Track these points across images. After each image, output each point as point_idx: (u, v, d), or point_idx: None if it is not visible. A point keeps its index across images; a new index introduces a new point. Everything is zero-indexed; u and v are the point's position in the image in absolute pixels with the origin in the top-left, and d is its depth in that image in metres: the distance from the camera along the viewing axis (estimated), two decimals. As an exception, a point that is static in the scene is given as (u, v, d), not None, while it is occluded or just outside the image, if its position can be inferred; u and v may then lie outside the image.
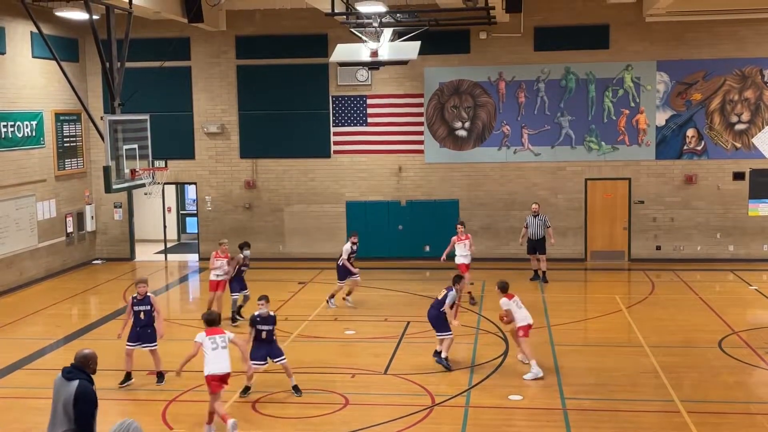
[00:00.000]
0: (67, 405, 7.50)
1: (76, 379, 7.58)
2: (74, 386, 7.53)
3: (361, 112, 22.16)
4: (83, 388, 7.53)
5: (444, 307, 13.13)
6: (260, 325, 11.91)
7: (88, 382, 7.63)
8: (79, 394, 7.49)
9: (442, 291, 13.35)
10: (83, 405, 7.50)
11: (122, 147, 13.89)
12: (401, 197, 22.30)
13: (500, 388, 12.10)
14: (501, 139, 21.75)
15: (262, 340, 11.92)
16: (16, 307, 17.92)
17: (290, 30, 22.05)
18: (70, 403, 7.48)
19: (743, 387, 12.20)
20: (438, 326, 13.18)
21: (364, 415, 11.12)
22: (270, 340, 11.98)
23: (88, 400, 7.54)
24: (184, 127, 22.65)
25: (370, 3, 15.41)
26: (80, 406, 7.49)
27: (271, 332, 12.00)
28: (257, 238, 22.54)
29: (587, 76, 21.35)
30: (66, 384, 7.59)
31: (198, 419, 11.08)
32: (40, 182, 20.71)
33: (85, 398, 7.51)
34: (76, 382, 7.55)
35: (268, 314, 12.01)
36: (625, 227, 21.65)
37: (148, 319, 12.44)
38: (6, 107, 19.35)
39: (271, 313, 12.14)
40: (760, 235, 21.25)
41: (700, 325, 15.52)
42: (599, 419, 10.94)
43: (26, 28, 19.89)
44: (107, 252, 23.43)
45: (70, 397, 7.49)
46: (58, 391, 7.64)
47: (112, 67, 14.22)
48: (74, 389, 7.51)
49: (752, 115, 21.02)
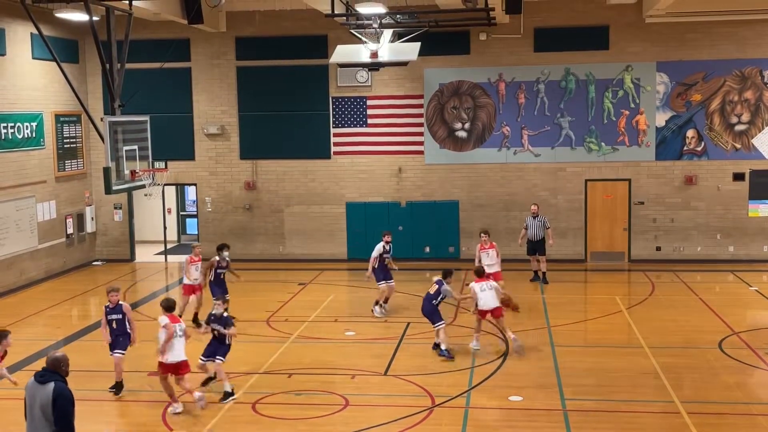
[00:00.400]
0: (44, 408, 7.53)
1: (51, 381, 7.61)
2: (50, 388, 7.55)
3: (361, 113, 22.17)
4: (60, 389, 7.56)
5: (443, 299, 13.86)
6: (214, 324, 12.09)
7: (62, 383, 7.67)
8: (57, 395, 7.52)
9: (434, 286, 13.84)
10: (62, 405, 7.53)
11: (122, 148, 13.88)
12: (401, 198, 22.30)
13: (500, 389, 12.10)
14: (501, 140, 21.76)
15: (215, 338, 12.12)
16: (16, 308, 17.92)
17: (290, 31, 22.06)
18: (49, 405, 7.51)
19: (743, 388, 12.20)
20: (432, 318, 13.72)
21: (364, 416, 11.12)
22: (223, 341, 12.09)
23: (67, 399, 7.58)
24: (184, 129, 22.65)
25: (370, 4, 15.41)
26: (59, 406, 7.51)
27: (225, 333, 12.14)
28: (257, 239, 22.57)
29: (587, 77, 21.36)
30: (40, 387, 7.61)
31: (198, 420, 11.09)
32: (40, 183, 20.71)
33: (63, 398, 7.55)
34: (51, 384, 7.58)
35: (222, 315, 12.16)
36: (625, 228, 21.65)
37: (121, 327, 12.28)
38: (6, 108, 19.36)
39: (225, 314, 12.30)
40: (760, 236, 21.24)
41: (701, 325, 15.52)
42: (599, 420, 10.94)
43: (26, 30, 19.90)
44: (107, 253, 23.43)
45: (48, 399, 7.51)
46: (32, 396, 7.65)
47: (112, 69, 14.21)
48: (51, 391, 7.53)
49: (752, 115, 21.02)
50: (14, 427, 10.85)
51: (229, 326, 12.06)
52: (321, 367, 13.30)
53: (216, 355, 12.02)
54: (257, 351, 14.11)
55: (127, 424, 11.30)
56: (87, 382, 12.09)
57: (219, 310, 12.12)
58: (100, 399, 11.95)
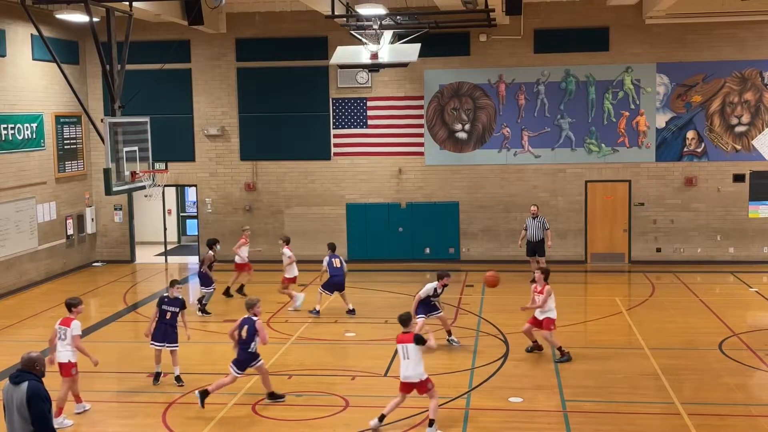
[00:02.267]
0: (21, 408, 7.58)
1: (25, 380, 7.66)
2: (24, 388, 7.61)
3: (361, 114, 22.18)
4: (34, 388, 7.62)
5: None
6: (166, 305, 12.30)
7: (37, 382, 7.70)
8: (31, 394, 7.58)
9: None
10: (37, 403, 7.58)
11: (122, 149, 13.89)
12: (401, 199, 22.30)
13: (500, 391, 12.10)
14: (501, 142, 21.76)
15: (166, 321, 12.29)
16: (16, 309, 17.93)
17: (290, 32, 22.07)
18: (24, 405, 7.57)
19: (744, 389, 12.20)
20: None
21: (364, 417, 11.10)
22: (172, 324, 12.31)
23: (42, 397, 7.63)
24: (184, 130, 22.67)
25: (370, 5, 15.43)
26: (34, 404, 7.57)
27: (176, 315, 12.36)
28: (257, 240, 22.55)
29: (587, 78, 21.37)
30: (15, 388, 7.67)
31: (199, 420, 11.09)
32: (41, 184, 20.72)
33: (37, 396, 7.60)
34: (25, 383, 7.64)
35: (176, 297, 12.41)
36: (625, 229, 21.66)
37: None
38: (6, 110, 19.36)
39: (179, 296, 12.52)
40: (761, 237, 21.25)
41: (701, 327, 15.52)
42: (599, 421, 10.93)
43: (27, 31, 19.91)
44: (107, 254, 23.44)
45: (23, 398, 7.58)
46: (10, 398, 7.71)
47: (113, 70, 14.22)
48: (25, 391, 7.59)
49: (752, 117, 21.03)
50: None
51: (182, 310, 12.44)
52: (321, 369, 13.30)
53: (169, 343, 12.30)
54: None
55: (128, 424, 11.29)
56: (88, 383, 12.08)
57: (173, 295, 12.42)
58: (100, 401, 11.94)
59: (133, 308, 18.12)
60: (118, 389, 12.45)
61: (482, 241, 22.01)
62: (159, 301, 12.56)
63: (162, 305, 12.46)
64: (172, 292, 12.52)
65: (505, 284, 19.19)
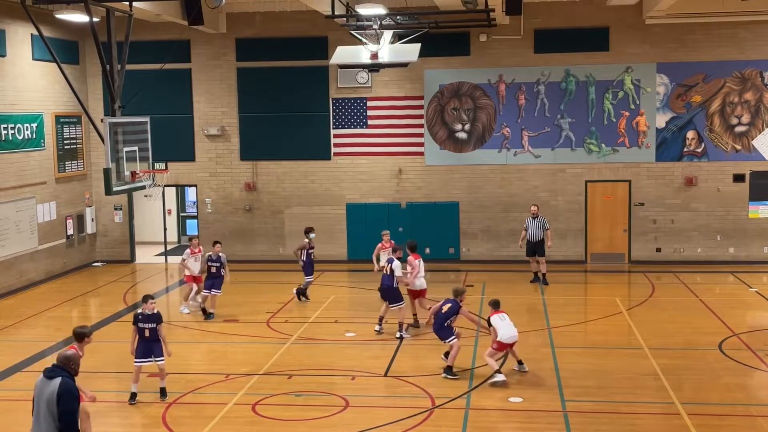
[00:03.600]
0: (50, 403, 7.58)
1: (58, 377, 7.66)
2: (56, 384, 7.61)
3: (361, 114, 22.17)
4: (66, 385, 7.61)
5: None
6: (141, 323, 11.93)
7: (69, 379, 7.70)
8: (62, 391, 7.57)
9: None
10: (66, 401, 7.58)
11: (122, 149, 13.87)
12: (401, 199, 22.30)
13: (500, 391, 12.09)
14: (501, 142, 21.76)
15: (146, 338, 11.95)
16: (16, 309, 17.91)
17: (290, 32, 22.06)
18: (54, 401, 7.56)
19: (744, 389, 12.20)
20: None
21: (364, 417, 11.11)
22: (154, 339, 11.95)
23: (72, 396, 7.62)
24: (184, 130, 22.66)
25: (370, 5, 15.43)
26: (63, 402, 7.56)
27: (154, 330, 11.94)
28: (257, 240, 22.57)
29: (587, 78, 21.36)
30: (48, 383, 7.68)
31: (199, 420, 11.09)
32: (41, 184, 20.71)
33: (69, 394, 7.59)
34: (58, 379, 7.64)
35: (152, 313, 11.99)
36: (625, 229, 21.65)
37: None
38: (6, 109, 19.36)
39: (156, 311, 12.07)
40: (761, 237, 21.24)
41: (701, 327, 15.51)
42: (599, 421, 10.93)
43: (26, 31, 19.90)
44: (107, 254, 23.43)
45: (53, 394, 7.57)
46: (40, 392, 7.72)
47: (113, 70, 14.20)
48: (57, 386, 7.59)
49: (752, 117, 21.03)
50: (18, 428, 10.87)
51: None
52: (321, 368, 13.30)
53: (156, 357, 11.98)
54: (257, 352, 14.12)
55: (127, 424, 11.29)
56: (88, 383, 12.06)
57: (147, 311, 11.97)
58: (100, 401, 11.92)
59: (133, 308, 18.08)
60: (118, 389, 12.44)
61: (482, 241, 22.00)
62: (134, 320, 12.04)
63: (138, 323, 11.97)
64: (145, 309, 12.01)
65: (505, 284, 19.26)
